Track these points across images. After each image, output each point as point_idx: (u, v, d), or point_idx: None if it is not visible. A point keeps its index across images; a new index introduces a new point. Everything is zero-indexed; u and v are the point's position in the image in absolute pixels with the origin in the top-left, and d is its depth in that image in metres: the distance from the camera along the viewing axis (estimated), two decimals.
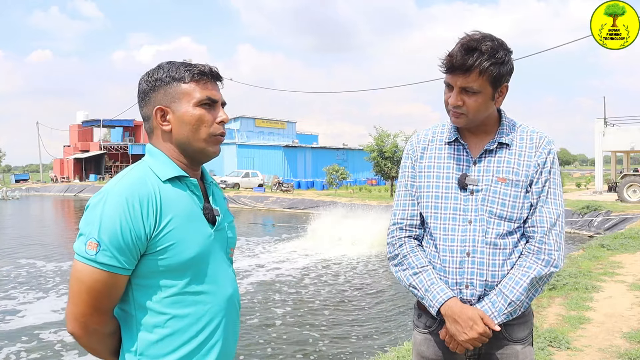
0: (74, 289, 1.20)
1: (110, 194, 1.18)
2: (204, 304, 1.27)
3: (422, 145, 1.70)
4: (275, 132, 50.11)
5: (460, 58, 1.48)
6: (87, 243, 1.17)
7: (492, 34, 1.53)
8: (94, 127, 52.65)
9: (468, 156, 1.62)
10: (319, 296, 9.11)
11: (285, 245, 14.48)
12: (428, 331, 1.67)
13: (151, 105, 1.30)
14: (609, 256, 8.25)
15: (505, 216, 1.57)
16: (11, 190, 39.73)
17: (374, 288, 9.68)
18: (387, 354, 4.37)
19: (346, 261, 12.23)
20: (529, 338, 1.65)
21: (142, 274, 1.22)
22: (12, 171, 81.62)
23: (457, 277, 1.59)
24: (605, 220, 15.53)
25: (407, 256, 1.67)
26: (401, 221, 1.70)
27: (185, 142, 1.29)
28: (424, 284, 1.62)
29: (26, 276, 10.48)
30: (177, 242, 1.22)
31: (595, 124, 25.22)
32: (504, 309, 1.54)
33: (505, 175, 1.58)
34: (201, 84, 1.29)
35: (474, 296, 1.58)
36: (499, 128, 1.63)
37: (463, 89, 1.52)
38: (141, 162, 1.30)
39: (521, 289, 1.53)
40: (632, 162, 39.01)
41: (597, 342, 4.22)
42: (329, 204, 22.24)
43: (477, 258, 1.57)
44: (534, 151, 1.60)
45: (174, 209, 1.23)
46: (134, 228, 1.17)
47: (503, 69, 1.51)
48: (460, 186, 1.60)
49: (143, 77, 1.32)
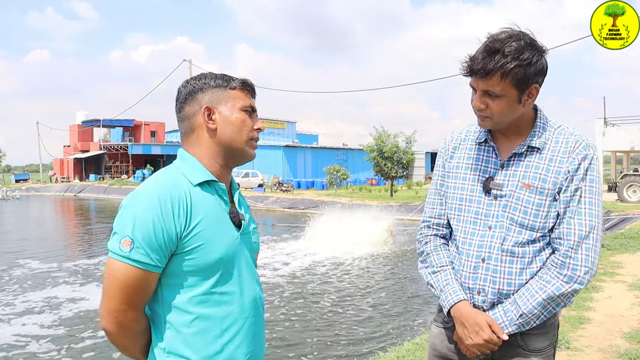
0: (108, 285, 1.25)
1: (143, 195, 1.25)
2: (229, 304, 1.32)
3: (454, 144, 1.67)
4: (275, 132, 50.12)
5: (480, 61, 1.42)
6: (121, 241, 1.22)
7: (529, 33, 1.44)
8: (93, 127, 52.66)
9: (497, 159, 1.57)
10: (319, 296, 9.11)
11: (285, 245, 14.47)
12: (444, 326, 1.67)
13: (197, 105, 1.37)
14: (609, 256, 8.25)
15: (527, 224, 1.50)
16: (11, 190, 39.76)
17: (374, 288, 9.68)
18: (387, 354, 4.37)
19: (346, 261, 12.22)
20: (549, 350, 1.57)
21: (171, 273, 1.27)
22: (12, 171, 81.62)
23: (470, 282, 1.57)
24: (605, 220, 15.51)
25: (430, 254, 1.68)
26: (429, 219, 1.70)
27: (228, 141, 1.37)
28: (440, 283, 1.62)
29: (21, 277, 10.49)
30: (205, 243, 1.27)
31: (595, 124, 25.21)
32: (515, 319, 1.49)
33: (531, 182, 1.50)
34: (245, 93, 1.41)
35: (485, 302, 1.55)
36: (532, 130, 1.53)
37: (485, 92, 1.46)
38: (173, 166, 1.36)
39: (535, 303, 1.47)
40: (632, 162, 39.01)
41: (597, 342, 4.22)
42: (329, 204, 22.25)
43: (492, 265, 1.53)
44: (567, 156, 1.49)
45: (203, 211, 1.28)
46: (166, 227, 1.22)
47: (530, 70, 1.41)
48: (484, 190, 1.56)
49: (184, 83, 1.41)
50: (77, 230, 19.36)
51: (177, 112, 1.41)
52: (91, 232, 18.46)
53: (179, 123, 1.42)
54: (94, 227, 19.68)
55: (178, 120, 1.42)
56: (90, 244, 15.62)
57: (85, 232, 18.46)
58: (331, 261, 12.21)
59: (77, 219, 23.58)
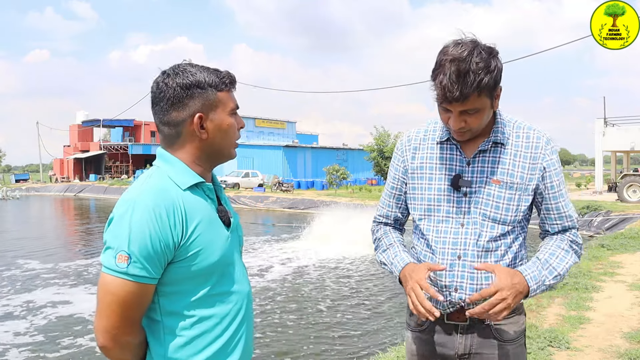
0: (104, 302, 1.20)
1: (136, 205, 1.19)
2: (228, 303, 1.31)
3: (414, 144, 1.66)
4: (275, 132, 50.08)
5: (456, 89, 1.38)
6: (116, 256, 1.17)
7: (476, 38, 1.43)
8: (93, 127, 52.68)
9: (462, 156, 1.57)
10: (319, 296, 9.11)
11: (285, 245, 14.47)
12: (419, 330, 1.67)
13: (185, 112, 1.27)
14: (609, 256, 8.25)
15: (499, 219, 1.54)
16: (11, 190, 39.75)
17: (373, 288, 9.67)
18: (387, 354, 4.37)
19: (346, 261, 12.22)
20: (521, 339, 1.62)
21: (169, 281, 1.24)
22: (12, 171, 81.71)
23: (446, 280, 1.56)
24: (605, 220, 15.50)
25: (380, 238, 1.73)
26: (379, 218, 1.78)
27: (217, 148, 1.33)
28: (389, 258, 1.66)
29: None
30: (203, 248, 1.25)
31: (595, 123, 25.20)
32: (550, 278, 1.51)
33: (500, 177, 1.54)
34: (230, 92, 1.35)
35: (462, 299, 1.55)
36: (493, 127, 1.56)
37: (464, 111, 1.45)
38: (157, 170, 1.30)
39: (567, 266, 1.54)
40: (632, 162, 39.01)
41: (597, 342, 4.22)
42: (329, 204, 22.25)
43: (468, 262, 1.54)
44: (531, 152, 1.55)
45: (198, 215, 1.25)
46: (162, 238, 1.18)
47: (498, 77, 1.43)
48: (453, 187, 1.56)
49: (166, 79, 1.28)
50: (76, 229, 19.36)
51: (160, 114, 1.29)
52: (89, 231, 18.46)
53: (161, 125, 1.31)
54: (93, 227, 19.66)
55: (159, 122, 1.31)
56: (87, 244, 15.62)
57: (84, 232, 18.47)
58: (331, 261, 12.21)
59: (76, 219, 23.57)
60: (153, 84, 1.31)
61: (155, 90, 1.29)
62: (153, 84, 1.30)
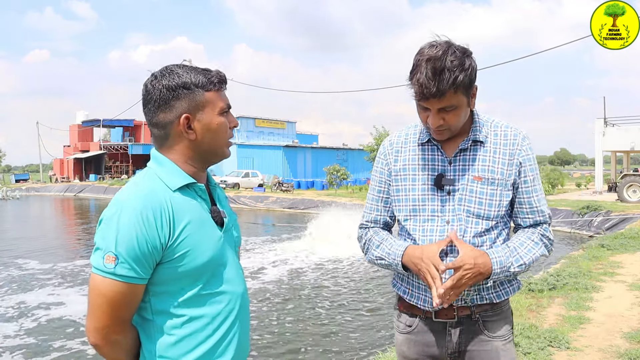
0: (94, 302, 1.22)
1: (123, 208, 1.21)
2: (219, 303, 1.32)
3: (396, 147, 1.70)
4: (275, 132, 50.06)
5: (433, 85, 1.44)
6: (104, 257, 1.20)
7: (450, 40, 1.50)
8: (93, 127, 52.66)
9: (443, 156, 1.62)
10: (319, 295, 9.10)
11: (285, 245, 14.47)
12: (408, 331, 1.68)
13: (172, 113, 1.28)
14: (609, 256, 8.25)
15: (483, 215, 1.58)
16: (11, 190, 39.75)
17: (373, 287, 9.67)
18: (387, 354, 4.37)
19: (346, 261, 12.22)
20: (510, 335, 1.66)
21: (158, 281, 1.26)
22: (12, 171, 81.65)
23: None
24: (605, 220, 15.50)
25: (371, 238, 1.72)
26: (366, 223, 1.76)
27: (207, 149, 1.33)
28: (386, 249, 1.65)
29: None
30: (191, 249, 1.25)
31: (595, 123, 25.20)
32: (515, 265, 1.55)
33: (481, 174, 1.58)
34: (220, 92, 1.34)
35: None
36: (472, 126, 1.61)
37: (442, 109, 1.50)
38: (149, 171, 1.32)
39: (534, 256, 1.58)
40: (632, 162, 39.02)
41: (597, 342, 4.22)
42: (329, 204, 22.24)
43: (455, 257, 1.56)
44: (509, 149, 1.60)
45: (186, 217, 1.26)
46: (149, 240, 1.20)
47: (473, 75, 1.49)
48: (437, 187, 1.60)
49: (154, 81, 1.30)
50: (76, 230, 19.36)
51: (149, 115, 1.31)
52: (89, 231, 18.45)
53: (150, 127, 1.33)
54: (92, 227, 19.64)
55: (149, 123, 1.33)
56: (87, 244, 15.60)
57: (83, 232, 18.47)
58: (331, 261, 12.20)
59: (76, 219, 23.57)
60: (142, 86, 1.32)
61: (144, 92, 1.31)
62: (142, 87, 1.32)
